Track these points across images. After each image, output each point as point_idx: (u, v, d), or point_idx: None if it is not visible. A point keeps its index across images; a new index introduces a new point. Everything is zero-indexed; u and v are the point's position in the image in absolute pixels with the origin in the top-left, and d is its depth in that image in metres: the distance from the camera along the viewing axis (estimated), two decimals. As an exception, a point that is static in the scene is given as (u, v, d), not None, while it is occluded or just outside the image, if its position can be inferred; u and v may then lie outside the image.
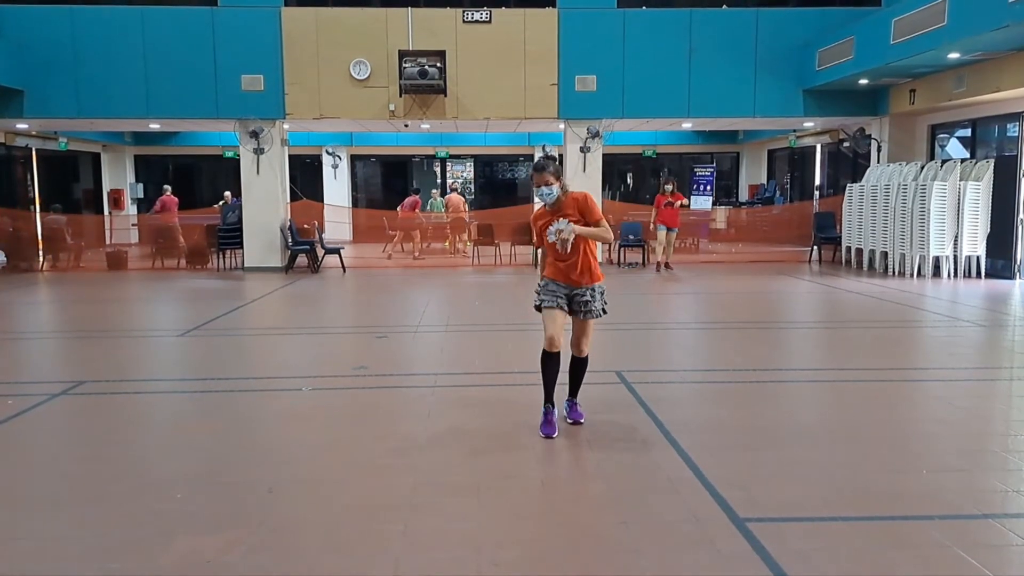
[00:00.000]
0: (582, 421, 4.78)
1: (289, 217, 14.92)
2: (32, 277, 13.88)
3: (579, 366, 4.81)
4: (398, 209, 18.70)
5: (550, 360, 4.64)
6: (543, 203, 4.67)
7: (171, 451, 4.54)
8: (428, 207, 19.16)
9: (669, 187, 13.99)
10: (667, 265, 14.03)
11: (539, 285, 4.73)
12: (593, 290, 4.63)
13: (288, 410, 5.34)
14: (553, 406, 4.67)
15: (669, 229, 13.90)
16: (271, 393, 5.83)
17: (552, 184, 4.54)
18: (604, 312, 4.70)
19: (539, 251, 4.93)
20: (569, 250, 4.48)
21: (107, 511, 3.60)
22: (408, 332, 8.30)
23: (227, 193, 16.98)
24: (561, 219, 4.48)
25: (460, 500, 3.67)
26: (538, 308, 4.69)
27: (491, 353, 7.21)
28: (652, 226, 14.04)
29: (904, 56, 11.69)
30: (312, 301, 11.36)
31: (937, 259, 12.33)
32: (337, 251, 14.85)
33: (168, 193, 19.07)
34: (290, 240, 14.46)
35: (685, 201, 14.22)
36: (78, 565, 3.08)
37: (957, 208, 12.07)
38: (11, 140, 17.50)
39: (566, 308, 4.63)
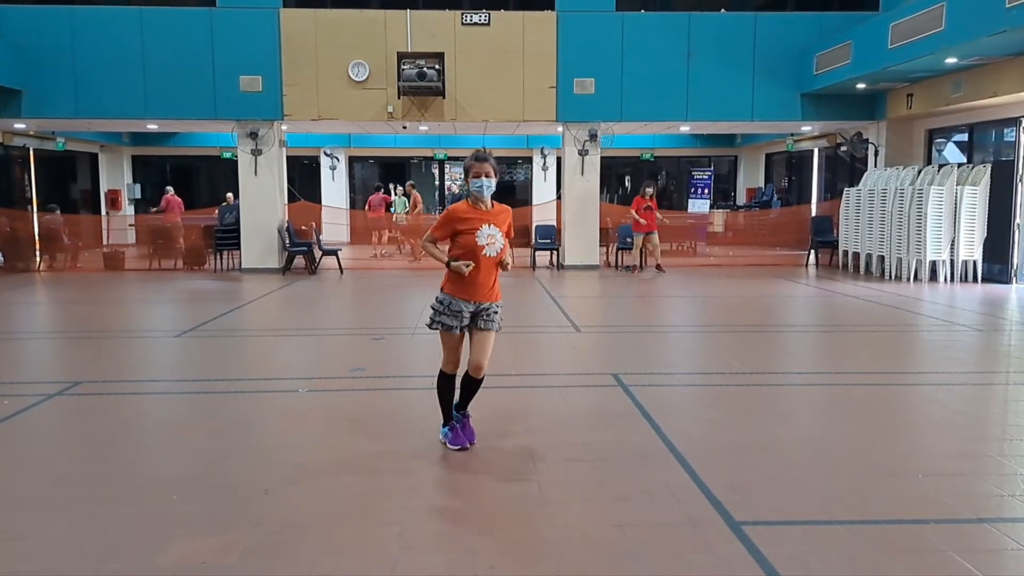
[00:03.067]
0: (474, 442, 4.40)
1: (287, 218, 14.91)
2: (29, 277, 13.86)
3: (475, 385, 4.42)
4: (366, 208, 18.65)
5: (448, 383, 4.45)
6: (475, 196, 4.23)
7: (168, 452, 4.54)
8: (391, 208, 19.01)
9: (650, 190, 14.07)
10: (659, 267, 14.05)
11: (438, 302, 4.32)
12: (498, 305, 4.35)
13: (285, 412, 5.34)
14: (458, 422, 4.47)
15: (648, 234, 13.92)
16: (268, 395, 5.82)
17: (492, 177, 4.21)
18: (499, 328, 4.38)
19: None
20: (494, 255, 4.20)
21: (103, 512, 3.59)
22: (405, 334, 8.30)
23: (229, 195, 16.98)
24: (492, 226, 4.19)
25: (457, 502, 3.67)
26: (430, 326, 4.33)
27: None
28: (635, 218, 14.01)
29: (902, 61, 11.72)
30: (309, 302, 11.36)
31: (934, 263, 12.36)
32: (334, 252, 14.85)
33: (171, 193, 19.11)
34: (287, 241, 14.45)
35: (649, 205, 13.96)
36: (75, 566, 3.08)
37: (954, 212, 12.09)
38: (9, 140, 17.48)
39: (466, 329, 4.33)
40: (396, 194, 19.18)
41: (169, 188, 19.54)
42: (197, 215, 18.67)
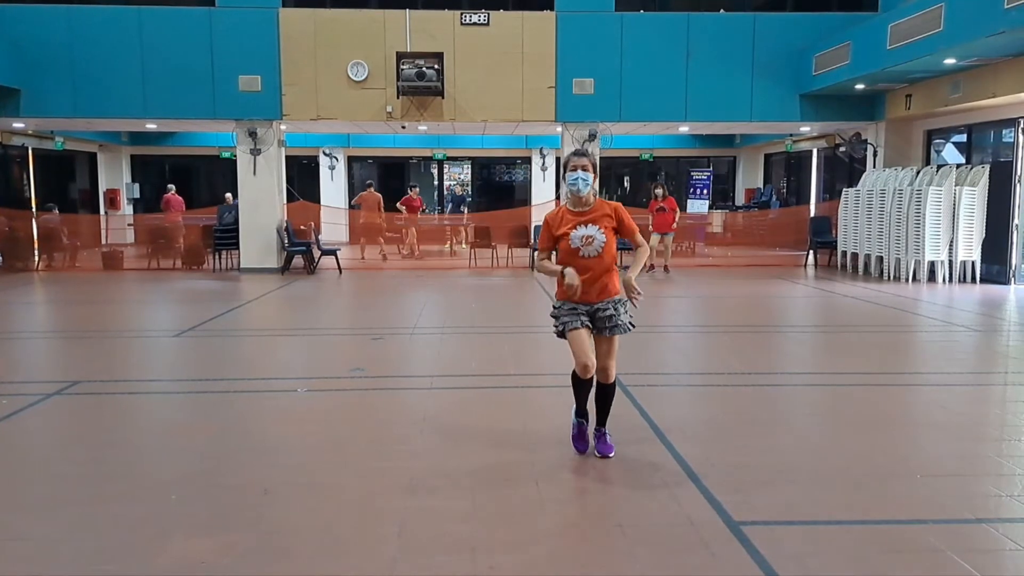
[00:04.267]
0: (611, 455, 4.25)
1: (285, 218, 14.91)
2: (27, 277, 13.84)
3: (607, 393, 4.27)
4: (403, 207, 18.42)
5: (584, 383, 4.23)
6: (571, 192, 4.17)
7: (166, 452, 4.53)
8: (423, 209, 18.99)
9: (660, 191, 14.17)
10: (665, 268, 14.18)
11: (554, 308, 4.23)
12: (615, 303, 4.13)
13: (284, 412, 5.34)
14: (586, 420, 4.36)
15: (664, 234, 14.09)
16: (267, 395, 5.82)
17: (589, 171, 4.09)
18: (632, 326, 4.18)
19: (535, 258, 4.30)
20: (595, 255, 4.07)
21: (102, 512, 3.59)
22: (404, 334, 8.30)
23: (228, 195, 16.97)
24: (588, 225, 4.07)
25: (456, 503, 3.67)
26: (560, 334, 4.18)
27: (488, 355, 7.21)
28: (650, 229, 14.17)
29: (900, 61, 11.73)
30: (308, 302, 11.35)
31: (932, 264, 12.37)
32: (333, 252, 14.84)
33: (172, 192, 19.09)
34: (286, 241, 14.45)
35: (662, 206, 14.14)
36: (73, 567, 3.07)
37: (952, 213, 12.11)
38: (7, 139, 17.46)
39: (590, 326, 4.14)
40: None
41: (171, 187, 19.53)
42: (196, 215, 18.66)
